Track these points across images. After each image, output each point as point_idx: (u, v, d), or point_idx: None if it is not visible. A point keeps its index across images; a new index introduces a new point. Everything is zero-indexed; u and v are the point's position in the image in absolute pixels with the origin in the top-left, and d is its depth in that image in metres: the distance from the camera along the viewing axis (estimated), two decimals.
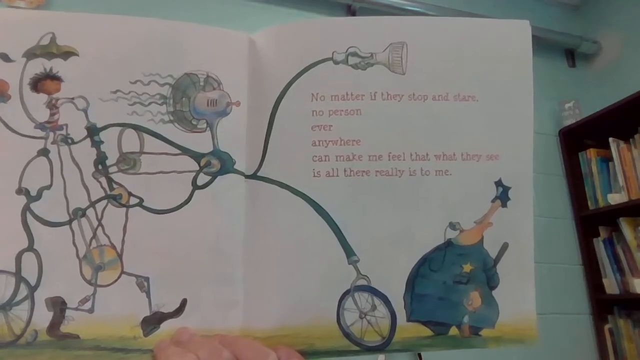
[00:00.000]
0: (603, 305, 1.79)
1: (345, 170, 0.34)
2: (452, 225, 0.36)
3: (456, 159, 0.36)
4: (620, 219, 1.76)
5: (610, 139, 1.82)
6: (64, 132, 0.33)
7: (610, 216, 1.79)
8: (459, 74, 0.37)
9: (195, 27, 0.35)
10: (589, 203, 1.89)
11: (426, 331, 0.35)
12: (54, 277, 0.31)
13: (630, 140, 1.79)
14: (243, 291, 0.33)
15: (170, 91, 0.34)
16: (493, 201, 0.37)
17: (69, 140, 0.33)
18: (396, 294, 0.35)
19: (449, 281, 0.36)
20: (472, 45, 0.37)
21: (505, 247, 0.37)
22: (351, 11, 2.03)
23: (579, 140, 1.95)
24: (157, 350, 0.30)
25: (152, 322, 0.31)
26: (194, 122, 0.34)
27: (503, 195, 0.37)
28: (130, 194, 0.33)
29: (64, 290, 0.31)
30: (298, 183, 0.34)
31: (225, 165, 0.34)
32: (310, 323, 0.33)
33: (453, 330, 0.36)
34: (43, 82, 0.33)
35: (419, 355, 1.43)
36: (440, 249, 0.36)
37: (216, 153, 0.34)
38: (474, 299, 0.36)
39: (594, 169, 1.90)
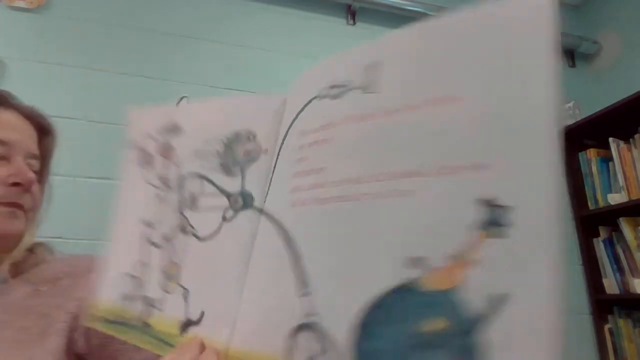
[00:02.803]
0: (603, 305, 1.80)
1: (314, 200, 0.33)
2: (415, 261, 0.27)
3: (429, 174, 0.28)
4: (620, 219, 1.77)
5: (610, 139, 1.83)
6: (167, 181, 0.46)
7: (610, 216, 1.80)
8: (438, 77, 0.30)
9: (249, 99, 0.44)
10: (589, 203, 1.91)
11: None
12: (150, 282, 0.43)
13: (630, 140, 1.80)
14: (234, 311, 0.36)
15: (223, 146, 0.43)
16: (482, 228, 0.25)
17: (169, 187, 0.46)
18: (345, 340, 0.29)
19: (408, 340, 0.26)
20: (464, 42, 0.30)
21: (502, 298, 0.24)
22: (351, 11, 2.02)
23: (579, 140, 1.96)
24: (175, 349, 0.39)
25: (185, 326, 0.40)
26: (233, 169, 0.42)
27: (496, 220, 0.25)
28: (190, 226, 0.43)
29: (153, 292, 0.43)
30: (280, 214, 0.36)
31: (246, 202, 0.39)
32: (261, 353, 0.33)
33: None
34: (165, 150, 0.48)
35: None
36: (398, 291, 0.27)
37: (242, 192, 0.40)
38: None
39: (594, 169, 1.91)
